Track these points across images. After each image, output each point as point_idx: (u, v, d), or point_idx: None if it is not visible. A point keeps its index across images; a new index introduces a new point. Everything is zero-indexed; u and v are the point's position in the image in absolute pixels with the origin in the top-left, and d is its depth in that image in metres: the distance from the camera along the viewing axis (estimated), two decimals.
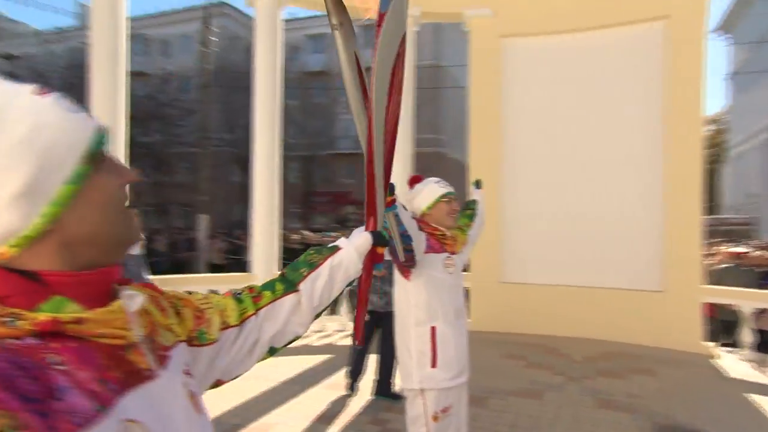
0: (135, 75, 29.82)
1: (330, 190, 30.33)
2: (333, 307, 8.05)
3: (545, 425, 4.65)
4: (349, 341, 7.09)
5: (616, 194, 8.14)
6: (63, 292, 0.73)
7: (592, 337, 7.74)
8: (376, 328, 5.18)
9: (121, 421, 0.70)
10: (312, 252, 1.32)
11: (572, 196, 8.31)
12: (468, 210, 3.35)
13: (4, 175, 0.68)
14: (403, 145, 8.24)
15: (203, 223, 15.76)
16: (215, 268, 13.39)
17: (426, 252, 2.67)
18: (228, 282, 8.01)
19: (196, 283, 7.64)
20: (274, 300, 1.19)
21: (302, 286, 1.22)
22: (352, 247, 1.30)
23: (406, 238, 2.42)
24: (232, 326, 1.12)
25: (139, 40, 31.15)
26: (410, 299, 2.73)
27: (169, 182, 26.23)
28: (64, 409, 0.63)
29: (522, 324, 8.06)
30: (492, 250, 8.32)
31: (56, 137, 0.72)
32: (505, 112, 8.71)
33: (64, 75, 25.57)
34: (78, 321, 0.71)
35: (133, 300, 0.83)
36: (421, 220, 2.79)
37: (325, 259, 1.27)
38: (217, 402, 4.74)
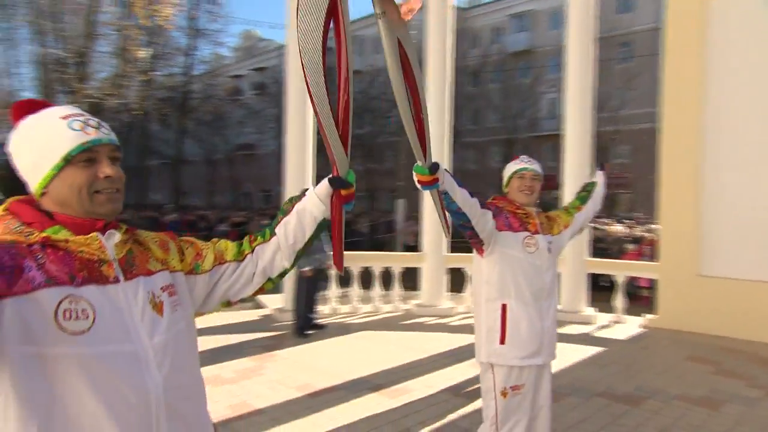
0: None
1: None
2: None
3: None
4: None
5: None
6: (63, 224, 1.22)
7: None
8: None
9: (68, 297, 1.14)
10: (286, 201, 1.63)
11: None
12: (583, 192, 3.22)
13: (23, 154, 1.24)
14: (580, 125, 7.70)
15: (401, 207, 16.67)
16: (408, 249, 14.18)
17: (502, 230, 2.64)
18: (402, 261, 8.38)
19: (376, 261, 8.28)
20: (264, 242, 1.59)
21: (278, 230, 1.58)
22: (313, 193, 1.57)
23: (460, 215, 2.40)
24: (228, 261, 1.55)
25: (355, 41, 34.01)
26: (483, 275, 2.74)
27: (378, 169, 28.29)
28: (25, 278, 1.09)
29: (721, 325, 6.85)
30: (688, 238, 7.26)
31: (52, 143, 1.22)
32: (709, 80, 7.46)
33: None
34: (66, 240, 1.19)
35: (112, 236, 1.28)
36: (504, 198, 2.82)
37: (293, 205, 1.59)
38: (367, 364, 5.54)
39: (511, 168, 2.82)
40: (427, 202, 7.99)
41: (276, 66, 31.40)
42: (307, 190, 1.61)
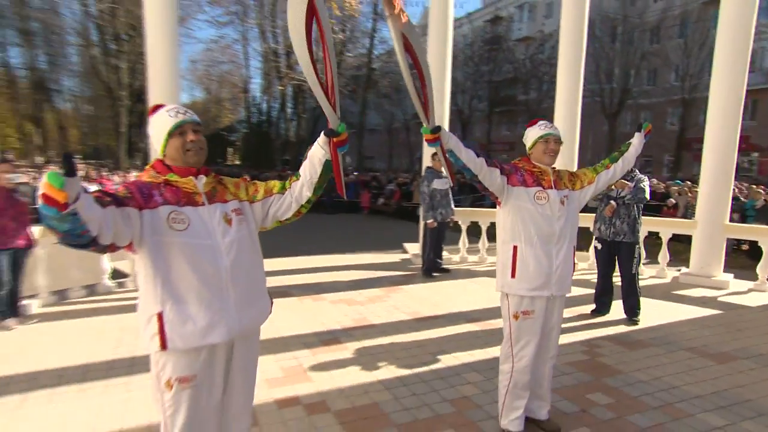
0: (520, 41, 31.30)
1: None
2: None
3: None
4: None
5: None
6: (174, 172, 1.99)
7: None
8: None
9: (171, 212, 1.91)
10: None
11: None
12: (616, 152, 3.26)
13: (154, 136, 2.04)
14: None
15: None
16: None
17: (516, 185, 2.89)
18: (670, 226, 8.13)
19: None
20: (296, 180, 2.20)
21: (301, 171, 2.19)
22: (316, 142, 2.15)
23: (467, 170, 2.73)
24: (275, 194, 2.21)
25: (525, 8, 32.43)
26: (500, 222, 3.03)
27: None
28: (153, 200, 1.91)
29: None
30: None
31: (162, 126, 1.99)
32: None
33: (464, 50, 29.22)
34: (175, 181, 1.97)
35: (201, 179, 2.03)
36: (525, 159, 3.03)
37: (307, 152, 2.20)
38: (471, 303, 5.88)
39: (535, 132, 2.97)
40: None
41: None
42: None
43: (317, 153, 2.13)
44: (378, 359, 4.29)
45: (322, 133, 2.11)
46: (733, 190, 12.40)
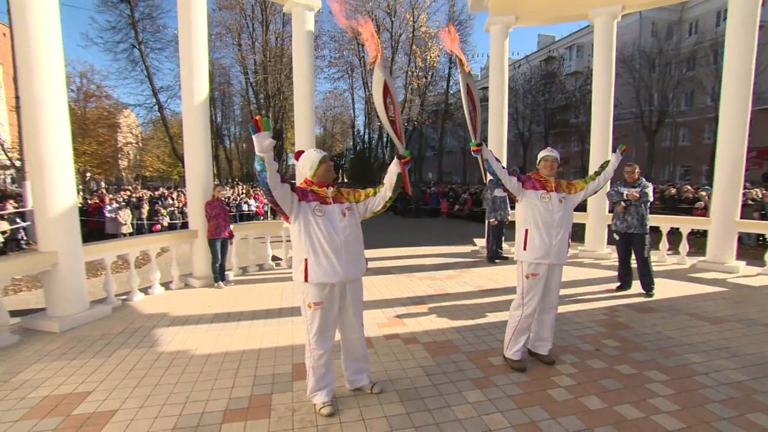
0: (570, 75, 29.83)
1: (756, 145, 22.73)
2: None
3: None
4: None
5: None
6: (316, 185, 2.72)
7: None
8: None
9: (316, 205, 2.65)
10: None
11: None
12: (599, 168, 3.64)
13: (306, 165, 2.76)
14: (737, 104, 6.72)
15: None
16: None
17: (528, 189, 3.35)
18: (688, 222, 7.79)
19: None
20: (382, 186, 2.81)
21: (384, 180, 2.81)
22: (392, 162, 2.76)
23: (494, 175, 3.25)
24: (370, 196, 2.82)
25: (574, 48, 31.05)
26: (518, 213, 3.49)
27: (588, 149, 25.81)
28: (307, 198, 2.65)
29: None
30: None
31: (314, 158, 2.73)
32: None
33: (523, 86, 28.64)
34: (316, 191, 2.70)
35: (330, 189, 2.72)
36: (536, 172, 3.49)
37: (389, 168, 2.80)
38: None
39: (541, 155, 3.45)
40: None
41: (513, 76, 31.03)
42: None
43: (393, 169, 2.77)
44: (452, 315, 4.79)
45: (395, 157, 2.79)
46: (760, 192, 11.49)
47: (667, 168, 28.54)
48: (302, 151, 2.81)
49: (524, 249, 3.37)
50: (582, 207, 8.30)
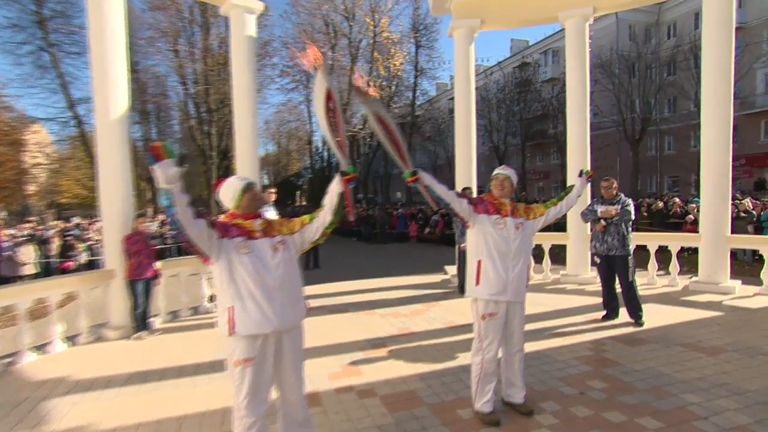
0: (546, 82, 31.18)
1: (745, 152, 24.18)
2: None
3: None
4: None
5: None
6: (240, 218, 2.59)
7: None
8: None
9: (240, 241, 2.51)
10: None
11: None
12: (563, 192, 3.69)
13: (227, 195, 2.62)
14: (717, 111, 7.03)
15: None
16: None
17: (480, 213, 3.29)
18: (677, 240, 8.11)
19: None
20: (321, 210, 2.74)
21: (324, 201, 2.72)
22: (333, 179, 2.70)
23: (441, 200, 3.20)
24: (306, 224, 2.74)
25: (549, 53, 32.53)
26: (469, 241, 3.44)
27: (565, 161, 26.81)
28: (230, 233, 2.52)
29: None
30: None
31: (236, 186, 2.60)
32: None
33: (496, 94, 29.70)
34: (239, 223, 2.57)
35: (257, 221, 2.60)
36: (490, 194, 3.45)
37: (329, 188, 2.72)
38: None
39: (493, 174, 3.42)
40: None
41: (485, 84, 32.03)
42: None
43: (334, 188, 2.70)
44: (416, 358, 4.68)
45: (337, 174, 2.71)
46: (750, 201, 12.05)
47: (653, 179, 29.93)
48: (222, 179, 2.71)
49: (477, 284, 3.29)
50: (562, 226, 8.61)
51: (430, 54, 30.47)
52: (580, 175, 3.76)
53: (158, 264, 6.21)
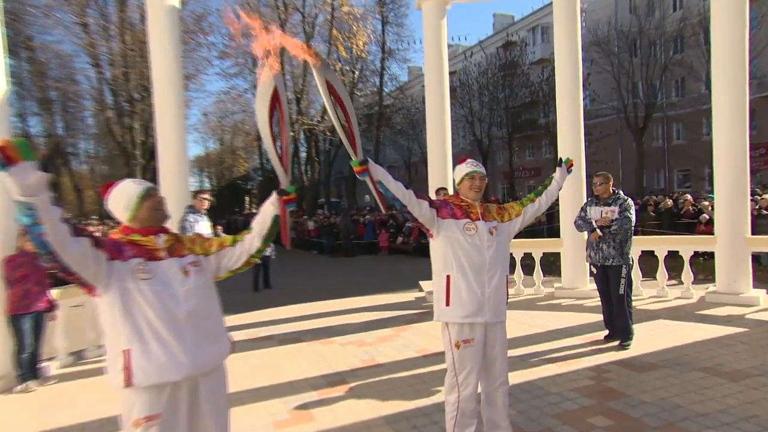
0: (535, 64, 31.66)
1: (764, 140, 24.91)
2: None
3: None
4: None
5: None
6: (138, 233, 2.38)
7: None
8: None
9: (138, 263, 2.29)
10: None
11: None
12: (540, 187, 3.65)
13: (120, 204, 2.40)
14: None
15: None
16: None
17: (446, 218, 3.21)
18: (690, 243, 8.42)
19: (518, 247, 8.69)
20: (248, 233, 2.60)
21: (252, 224, 2.61)
22: (268, 200, 2.55)
23: (396, 200, 3.09)
24: (227, 247, 2.60)
25: (538, 30, 33.22)
26: (434, 253, 3.35)
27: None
28: (121, 251, 2.29)
29: None
30: None
31: (131, 192, 2.39)
32: None
33: (478, 79, 30.12)
34: (136, 240, 2.36)
35: (161, 237, 2.42)
36: (455, 195, 3.39)
37: (261, 208, 2.59)
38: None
39: (462, 170, 3.30)
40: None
41: (465, 68, 32.35)
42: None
43: (268, 209, 2.56)
44: (382, 396, 4.55)
45: (274, 192, 2.55)
46: None
47: (661, 173, 30.78)
48: (111, 184, 2.49)
49: (447, 304, 3.20)
50: (555, 231, 8.58)
51: (399, 32, 30.74)
52: (560, 164, 3.71)
53: (54, 292, 5.83)
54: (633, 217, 5.52)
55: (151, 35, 7.49)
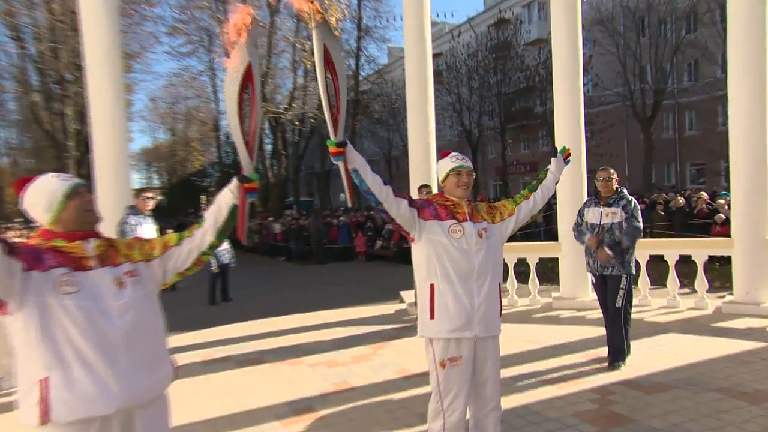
0: (530, 45, 31.93)
1: None
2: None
3: None
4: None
5: None
6: (61, 237, 2.26)
7: None
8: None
9: (61, 274, 2.16)
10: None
11: None
12: (534, 181, 3.67)
13: (40, 204, 2.28)
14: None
15: None
16: None
17: (428, 219, 3.20)
18: (704, 247, 8.42)
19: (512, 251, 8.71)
20: (199, 227, 2.55)
21: (205, 216, 2.55)
22: (227, 187, 2.52)
23: (371, 195, 3.06)
24: (172, 246, 2.52)
25: (534, 6, 33.58)
26: (415, 260, 3.32)
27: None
28: (41, 260, 2.16)
29: None
30: None
31: (54, 190, 2.27)
32: None
33: (467, 62, 30.25)
34: (59, 247, 2.24)
35: (90, 243, 2.31)
36: (439, 193, 3.39)
37: (217, 197, 2.55)
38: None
39: (447, 165, 3.31)
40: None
41: (452, 49, 32.50)
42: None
43: (226, 198, 2.52)
44: (356, 426, 4.53)
45: (234, 178, 2.50)
46: None
47: (671, 168, 31.25)
48: (28, 179, 2.40)
49: (432, 317, 3.18)
50: (553, 234, 8.54)
51: (378, 7, 30.81)
52: (555, 154, 3.71)
53: None
54: (641, 225, 5.54)
55: (82, 4, 7.35)
